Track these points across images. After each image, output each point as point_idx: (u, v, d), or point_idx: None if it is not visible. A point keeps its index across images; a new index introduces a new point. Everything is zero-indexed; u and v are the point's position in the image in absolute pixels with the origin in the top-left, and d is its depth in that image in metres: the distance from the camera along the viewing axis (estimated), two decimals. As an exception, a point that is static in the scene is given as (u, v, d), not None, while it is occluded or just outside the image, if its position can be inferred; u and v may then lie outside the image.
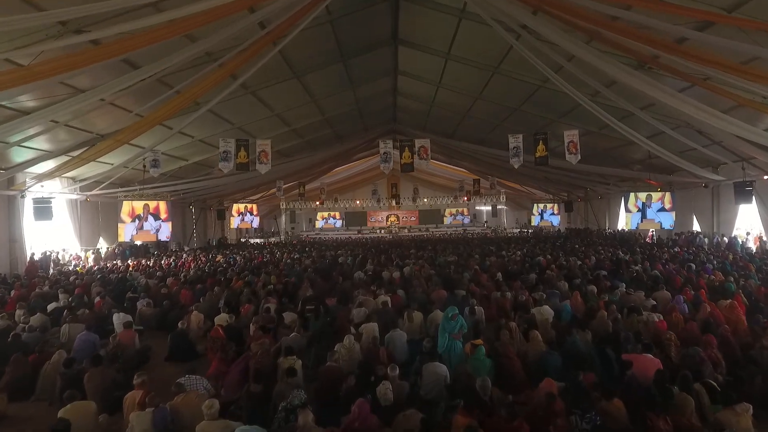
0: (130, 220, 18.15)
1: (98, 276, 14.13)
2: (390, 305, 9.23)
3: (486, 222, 41.88)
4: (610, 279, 11.45)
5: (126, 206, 18.21)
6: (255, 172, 23.63)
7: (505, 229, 36.50)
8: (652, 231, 21.85)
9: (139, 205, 18.15)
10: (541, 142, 13.41)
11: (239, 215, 28.75)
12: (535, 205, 28.85)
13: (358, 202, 38.53)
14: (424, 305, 9.60)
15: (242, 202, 29.96)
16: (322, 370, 5.46)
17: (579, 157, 13.10)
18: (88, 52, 9.03)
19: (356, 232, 39.87)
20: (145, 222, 17.83)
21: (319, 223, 43.46)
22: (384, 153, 14.41)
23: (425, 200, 37.15)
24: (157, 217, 18.38)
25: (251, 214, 29.37)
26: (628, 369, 5.56)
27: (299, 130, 21.71)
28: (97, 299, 10.42)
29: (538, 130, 16.76)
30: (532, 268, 13.69)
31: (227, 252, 22.53)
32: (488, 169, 27.77)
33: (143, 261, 18.48)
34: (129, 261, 18.74)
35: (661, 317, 7.55)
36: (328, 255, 19.86)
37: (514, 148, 13.52)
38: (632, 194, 18.47)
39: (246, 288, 11.39)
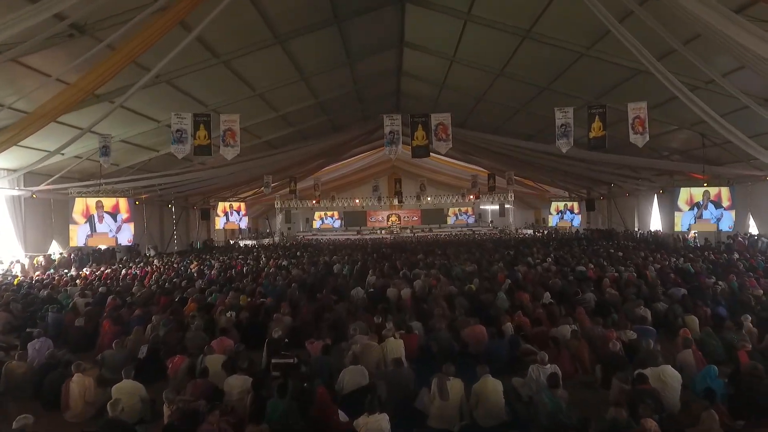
0: (84, 220, 14.55)
1: (21, 293, 10.52)
2: (403, 357, 5.65)
3: (491, 222, 38.31)
4: (707, 303, 7.87)
5: (79, 204, 14.60)
6: (240, 165, 20.38)
7: (516, 229, 32.86)
8: (694, 233, 18.28)
9: (93, 203, 14.53)
10: (597, 118, 9.82)
11: (225, 215, 24.99)
12: (554, 203, 25.18)
13: (357, 201, 34.90)
14: (453, 354, 6.06)
15: (231, 200, 26.26)
16: None
17: (647, 138, 9.56)
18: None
19: (356, 233, 36.28)
20: (99, 223, 14.20)
21: (316, 224, 39.85)
22: (390, 132, 10.75)
23: (429, 199, 33.46)
24: (116, 216, 14.75)
25: (238, 213, 25.64)
26: None
27: (289, 117, 18.10)
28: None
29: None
30: (584, 283, 10.06)
31: (207, 257, 18.90)
32: (499, 162, 24.13)
33: (100, 270, 14.78)
34: (85, 269, 15.10)
35: None
36: (321, 261, 16.26)
37: (563, 126, 9.90)
38: (683, 190, 14.89)
39: (198, 316, 7.76)
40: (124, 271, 14.33)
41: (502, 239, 25.16)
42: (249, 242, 28.51)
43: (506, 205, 32.76)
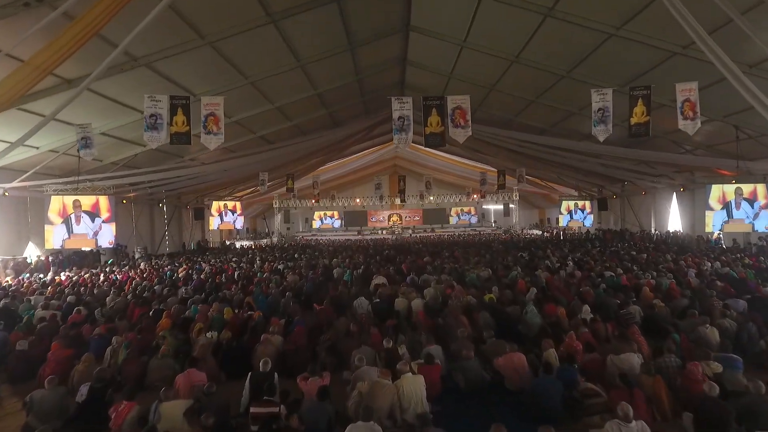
0: (61, 221, 13.07)
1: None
2: (425, 400, 4.22)
3: (494, 222, 36.86)
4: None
5: (55, 203, 13.14)
6: (234, 162, 18.93)
7: (522, 229, 31.38)
8: (719, 233, 16.83)
9: (70, 202, 13.06)
10: (640, 101, 8.38)
11: (219, 215, 23.43)
12: (564, 202, 23.70)
13: (357, 200, 33.42)
14: (485, 390, 4.62)
15: (227, 199, 24.70)
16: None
17: (699, 124, 8.14)
18: None
19: (356, 233, 34.84)
20: (76, 224, 12.72)
21: (316, 224, 38.39)
22: (399, 118, 9.25)
23: (431, 198, 31.97)
24: (94, 217, 13.26)
25: (233, 213, 24.09)
26: None
27: (285, 110, 16.60)
28: None
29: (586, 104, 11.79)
30: (621, 292, 8.60)
31: (198, 259, 17.41)
32: (508, 159, 22.58)
33: (79, 274, 13.29)
34: (62, 274, 13.61)
35: None
36: (320, 264, 14.80)
37: (600, 110, 8.44)
38: (714, 187, 13.47)
39: (170, 336, 6.30)
40: (103, 277, 12.84)
41: (511, 240, 23.69)
42: (246, 243, 27.01)
43: (511, 205, 31.32)
